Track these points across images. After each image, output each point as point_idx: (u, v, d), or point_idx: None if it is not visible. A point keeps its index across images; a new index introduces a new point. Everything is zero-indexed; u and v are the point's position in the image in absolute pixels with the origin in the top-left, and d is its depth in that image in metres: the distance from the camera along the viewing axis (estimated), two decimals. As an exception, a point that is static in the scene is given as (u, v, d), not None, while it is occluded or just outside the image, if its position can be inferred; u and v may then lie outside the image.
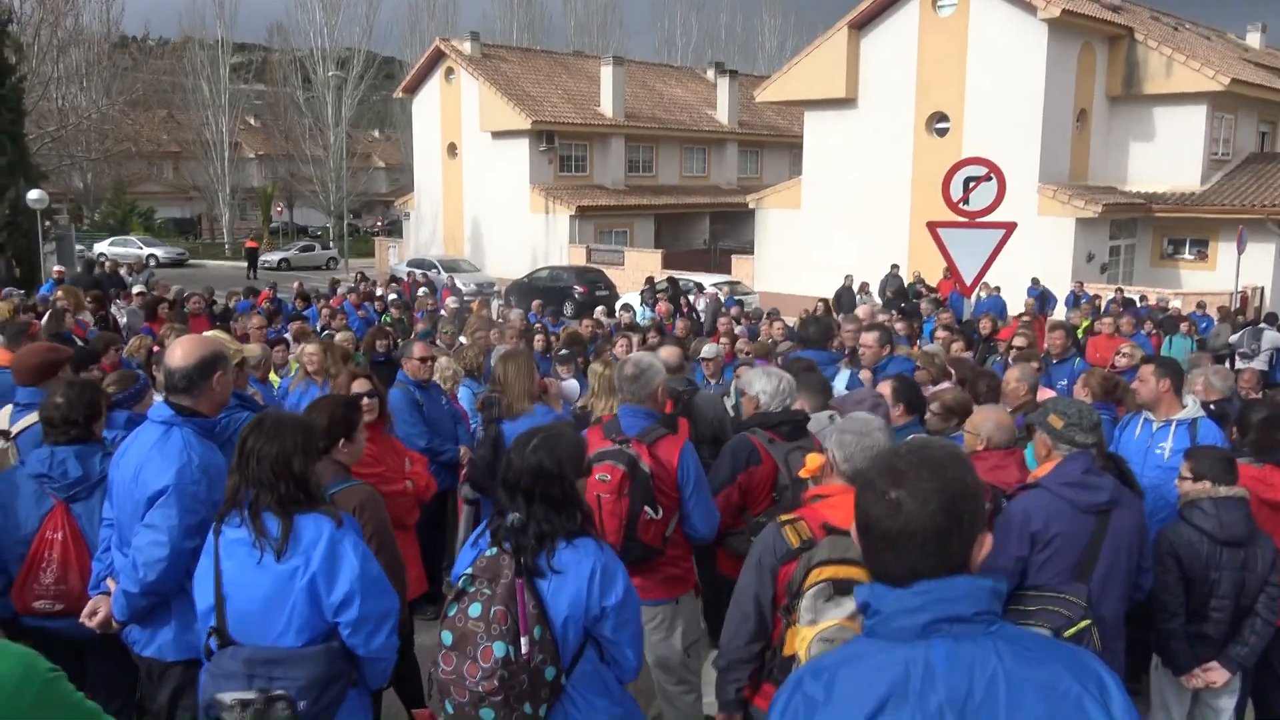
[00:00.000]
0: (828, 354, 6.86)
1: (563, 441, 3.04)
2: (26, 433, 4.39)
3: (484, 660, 2.78)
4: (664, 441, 4.26)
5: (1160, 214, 27.58)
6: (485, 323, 11.43)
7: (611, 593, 2.94)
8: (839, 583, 3.02)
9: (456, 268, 33.98)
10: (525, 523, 2.91)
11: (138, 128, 50.82)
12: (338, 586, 2.97)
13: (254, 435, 3.06)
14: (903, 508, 1.79)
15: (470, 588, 2.89)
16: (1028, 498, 3.87)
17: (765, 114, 45.16)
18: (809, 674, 1.83)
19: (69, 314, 10.79)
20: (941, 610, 1.73)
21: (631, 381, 4.36)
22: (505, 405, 5.46)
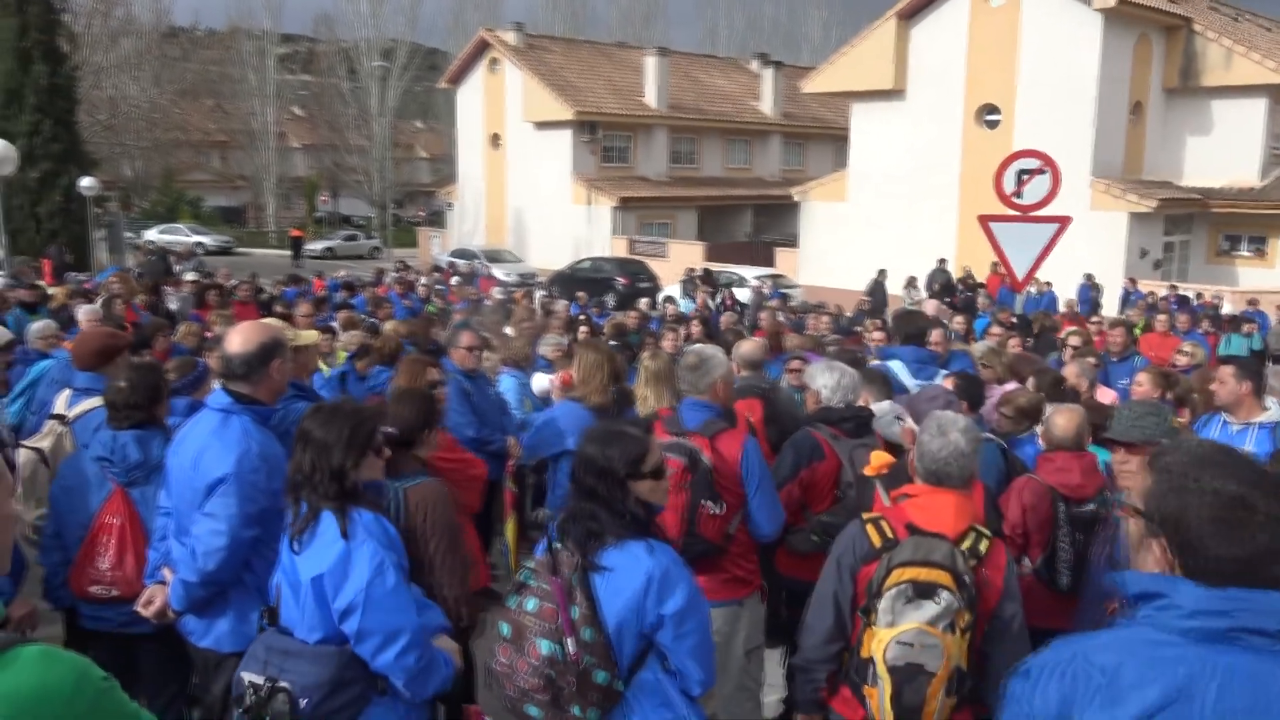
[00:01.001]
0: (928, 353, 6.65)
1: (621, 439, 2.93)
2: (83, 418, 4.36)
3: (532, 657, 2.71)
4: (725, 435, 4.14)
5: (1217, 209, 26.96)
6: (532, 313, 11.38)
7: (670, 600, 2.80)
8: (920, 585, 2.97)
9: (499, 258, 34.04)
10: (575, 518, 2.83)
11: (186, 117, 51.49)
12: (343, 593, 2.87)
13: (307, 423, 3.04)
14: (1272, 522, 1.71)
15: (531, 581, 2.82)
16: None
17: (810, 105, 44.73)
18: (1090, 648, 1.78)
19: (120, 300, 10.86)
20: (1250, 620, 1.67)
21: (691, 371, 4.25)
22: (631, 395, 5.38)
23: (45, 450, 4.23)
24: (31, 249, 23.87)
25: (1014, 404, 5.47)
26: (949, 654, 2.90)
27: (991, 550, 3.10)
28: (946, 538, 3.05)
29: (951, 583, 2.94)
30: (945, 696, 2.92)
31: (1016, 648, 2.99)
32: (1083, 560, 4.36)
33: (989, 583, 3.06)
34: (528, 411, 7.73)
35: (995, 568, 3.09)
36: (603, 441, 2.90)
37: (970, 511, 3.17)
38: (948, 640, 2.91)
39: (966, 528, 3.11)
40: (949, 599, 2.92)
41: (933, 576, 2.95)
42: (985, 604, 3.06)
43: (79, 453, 3.89)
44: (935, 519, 3.11)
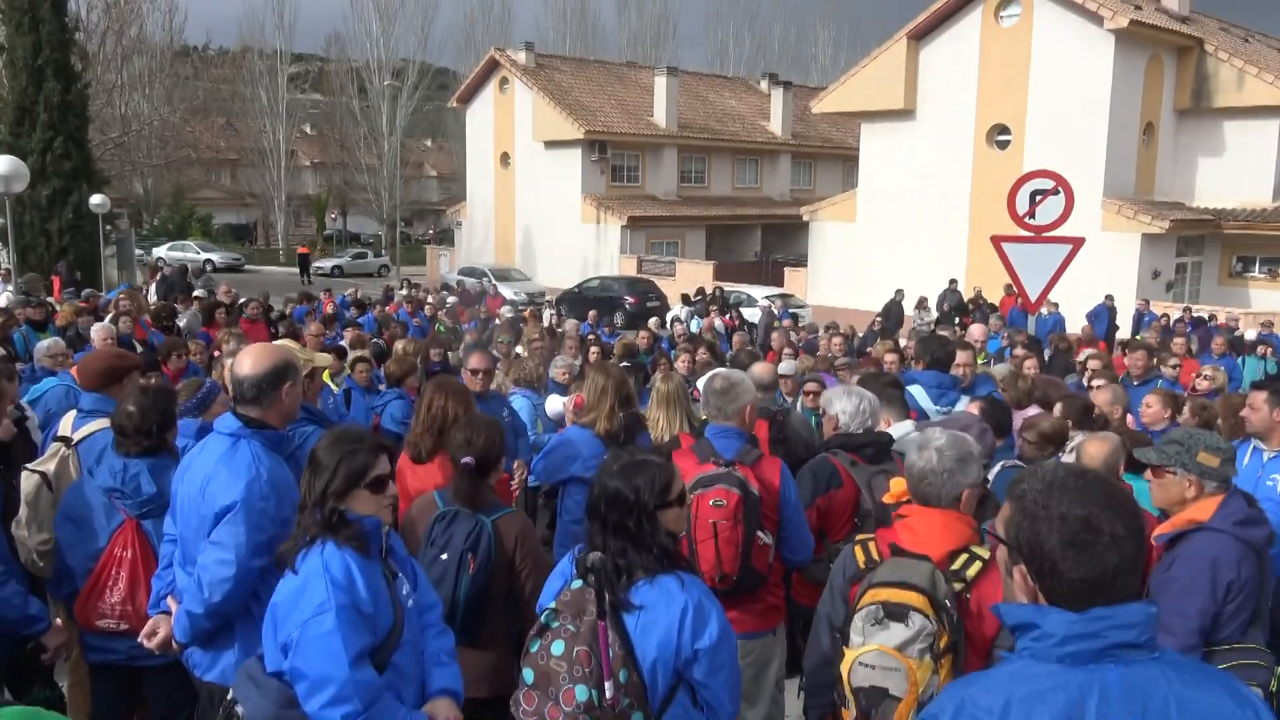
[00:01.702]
0: (950, 378, 6.52)
1: (644, 468, 2.81)
2: (88, 441, 4.25)
3: (566, 703, 2.58)
4: (764, 463, 4.04)
5: (1230, 231, 26.81)
6: (543, 333, 11.30)
7: (704, 634, 2.70)
8: (890, 606, 2.84)
9: (508, 276, 34.03)
10: (602, 556, 2.71)
11: (197, 135, 51.70)
12: (284, 628, 2.72)
13: (318, 444, 2.91)
14: (1125, 541, 1.80)
15: (553, 623, 2.68)
16: (1208, 544, 3.52)
17: (819, 126, 44.78)
18: (975, 693, 1.82)
19: (128, 317, 10.78)
20: (1117, 636, 1.75)
21: (720, 396, 4.12)
22: (643, 419, 5.27)
23: (49, 473, 4.11)
24: (42, 266, 23.87)
25: (1037, 429, 5.33)
26: (914, 679, 2.74)
27: (986, 574, 2.91)
28: (929, 559, 2.92)
29: (926, 606, 2.79)
30: None
31: None
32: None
33: (981, 609, 2.87)
34: (539, 434, 7.63)
35: (990, 593, 2.88)
36: (626, 473, 2.78)
37: (962, 533, 3.00)
38: (912, 665, 2.76)
39: (956, 549, 2.96)
40: (922, 623, 2.78)
41: (904, 598, 2.82)
42: (980, 631, 2.88)
43: (84, 480, 3.77)
44: (920, 539, 2.99)
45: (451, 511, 3.54)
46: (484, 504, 3.58)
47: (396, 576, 2.95)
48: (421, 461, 4.26)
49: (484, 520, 3.48)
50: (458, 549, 3.45)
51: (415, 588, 3.03)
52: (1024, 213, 9.38)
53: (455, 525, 3.51)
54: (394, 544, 3.03)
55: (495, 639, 3.51)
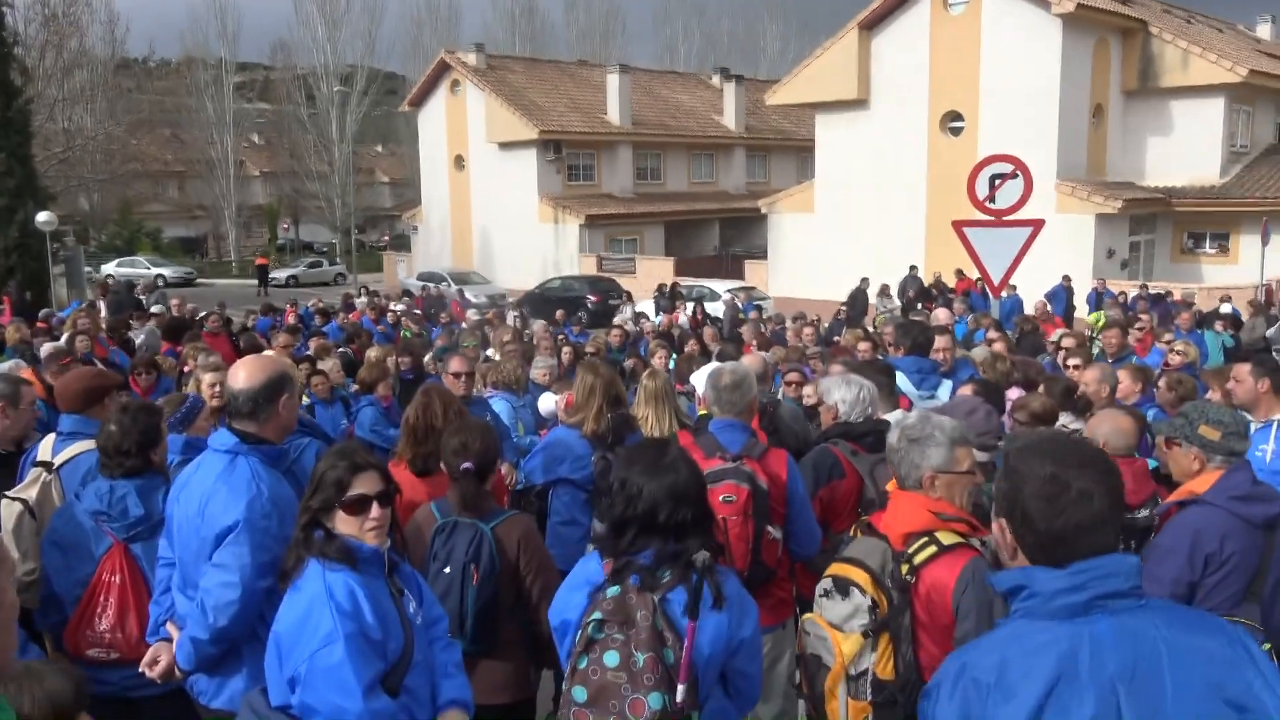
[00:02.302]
0: (930, 363, 6.52)
1: (687, 461, 2.77)
2: (71, 464, 4.08)
3: (634, 714, 2.49)
4: (770, 456, 3.98)
5: (1180, 208, 27.26)
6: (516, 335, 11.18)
7: (746, 624, 2.69)
8: (838, 580, 2.96)
9: (467, 280, 33.77)
10: (683, 553, 2.62)
11: (142, 148, 50.74)
12: (291, 660, 2.60)
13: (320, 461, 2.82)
14: (1093, 497, 1.86)
15: (600, 634, 2.57)
16: (1196, 515, 3.54)
17: (772, 118, 44.91)
18: (974, 657, 1.86)
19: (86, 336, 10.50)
20: (1102, 587, 1.81)
21: (733, 391, 4.06)
22: (633, 421, 5.19)
23: (31, 501, 3.94)
24: (-11, 287, 23.27)
25: (1028, 409, 5.33)
26: (839, 650, 2.83)
27: (939, 560, 2.83)
28: (885, 539, 2.98)
29: (868, 583, 2.86)
30: (849, 697, 2.82)
31: None
32: None
33: (931, 596, 2.81)
34: (520, 436, 7.54)
35: (939, 582, 2.81)
36: (677, 468, 2.70)
37: (922, 517, 2.96)
38: (838, 636, 2.84)
39: (917, 531, 2.93)
40: (860, 599, 2.85)
41: (848, 573, 2.92)
42: (934, 619, 2.82)
43: (71, 505, 3.61)
44: (887, 520, 3.06)
45: (450, 523, 3.45)
46: (484, 510, 3.50)
47: (403, 594, 2.85)
48: (429, 473, 4.15)
49: (483, 529, 3.39)
50: (460, 561, 3.37)
51: (421, 602, 2.94)
52: (984, 197, 9.46)
53: (455, 536, 3.42)
54: (395, 559, 2.92)
55: (511, 646, 3.44)
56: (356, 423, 7.88)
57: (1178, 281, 24.76)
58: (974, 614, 2.75)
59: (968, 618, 2.76)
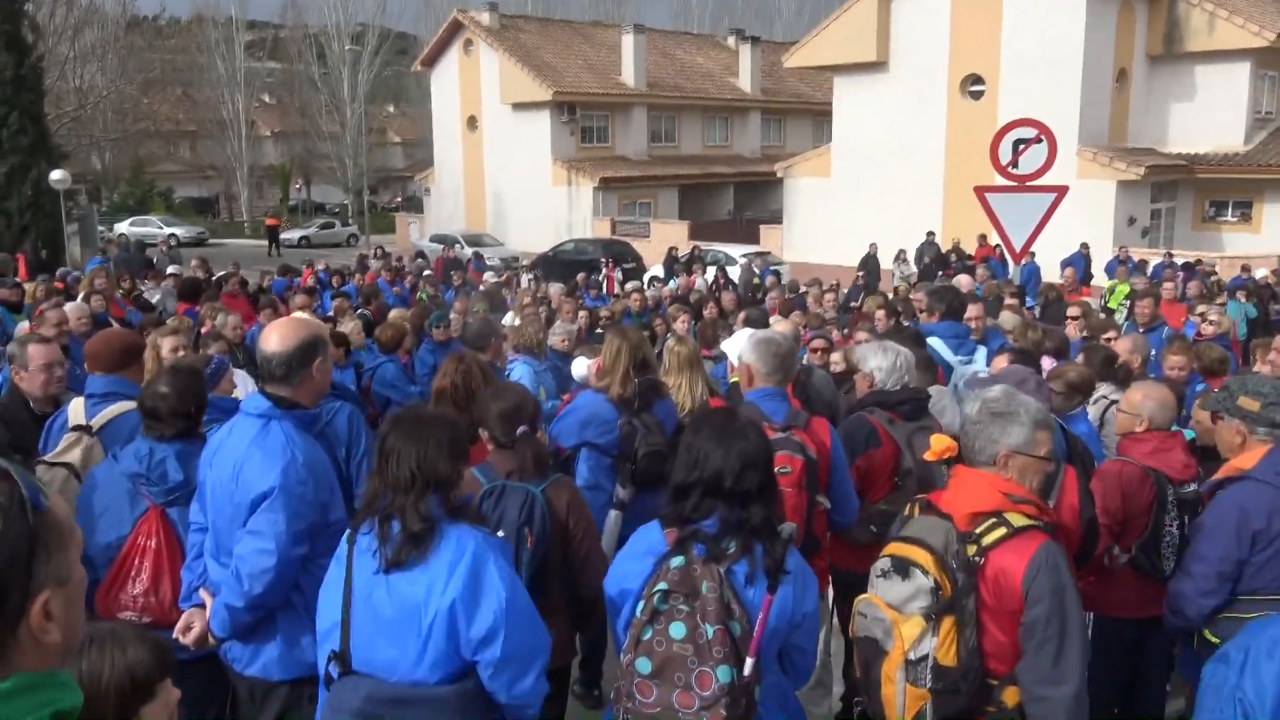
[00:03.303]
0: (965, 328, 6.41)
1: (755, 428, 2.71)
2: (110, 426, 3.96)
3: (701, 688, 2.43)
4: (814, 424, 3.91)
5: (1203, 175, 26.88)
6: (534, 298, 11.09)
7: (808, 598, 2.64)
8: (897, 560, 2.76)
9: (480, 242, 33.59)
10: (748, 521, 2.57)
11: (154, 107, 50.51)
12: (479, 618, 2.52)
13: (394, 433, 2.66)
14: None
15: (665, 605, 2.51)
16: (1242, 493, 3.46)
17: (788, 81, 44.38)
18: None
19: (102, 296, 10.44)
20: None
21: (788, 358, 3.99)
22: (660, 386, 5.08)
23: (75, 465, 3.86)
24: (3, 246, 23.20)
25: (1064, 379, 5.22)
26: (899, 634, 2.67)
27: (1010, 543, 2.69)
28: (950, 519, 2.79)
29: (931, 564, 2.68)
30: (908, 683, 2.66)
31: (1043, 664, 2.63)
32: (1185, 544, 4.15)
33: (1000, 580, 2.67)
34: (542, 399, 7.48)
35: (1009, 565, 2.67)
36: (746, 434, 2.64)
37: (992, 496, 2.80)
38: (898, 618, 2.68)
39: (985, 512, 2.77)
40: (922, 580, 2.68)
41: (909, 553, 2.73)
42: (1001, 603, 2.68)
43: (109, 465, 3.53)
44: (950, 498, 2.87)
45: (499, 486, 3.37)
46: (543, 471, 3.44)
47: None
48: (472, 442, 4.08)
49: (534, 491, 3.32)
50: (513, 524, 3.30)
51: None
52: (1007, 162, 9.34)
53: (506, 500, 3.34)
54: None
55: (555, 610, 3.38)
56: (376, 379, 7.87)
57: (1198, 250, 24.46)
58: (1046, 599, 2.63)
59: (1039, 603, 2.64)
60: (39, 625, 1.22)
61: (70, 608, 1.28)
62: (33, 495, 1.22)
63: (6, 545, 1.18)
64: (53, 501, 1.26)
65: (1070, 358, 6.16)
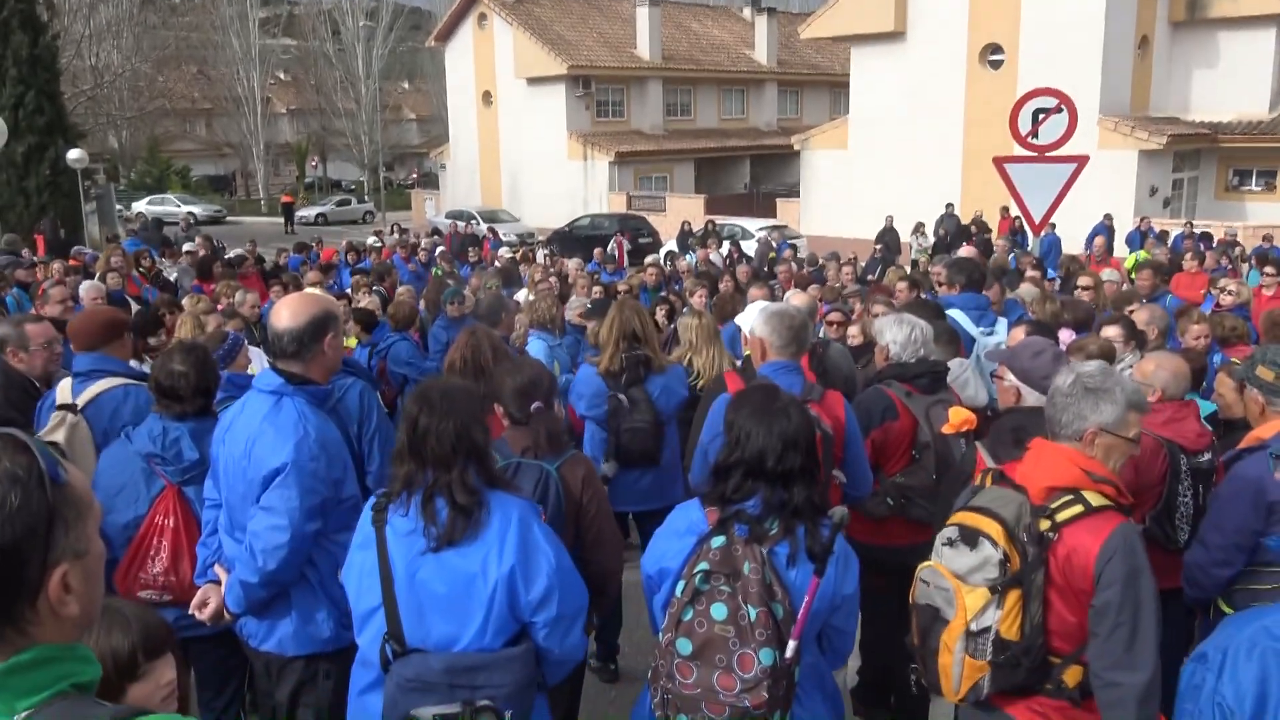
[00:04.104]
0: (985, 299, 6.35)
1: (798, 406, 2.68)
2: (95, 404, 3.97)
3: (743, 670, 2.41)
4: (828, 398, 3.88)
5: (1226, 144, 26.50)
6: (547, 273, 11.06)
7: (849, 579, 2.63)
8: (965, 530, 2.70)
9: (495, 218, 33.57)
10: (790, 502, 2.56)
11: (169, 85, 50.51)
12: (536, 582, 2.57)
13: (426, 410, 2.61)
14: None
15: (706, 586, 2.49)
16: (1259, 463, 3.43)
17: (804, 53, 43.99)
18: (1275, 623, 1.75)
19: (117, 274, 10.48)
20: None
21: (802, 331, 3.96)
22: (652, 361, 5.04)
23: (62, 444, 3.86)
24: (22, 225, 23.31)
25: (1085, 351, 5.16)
26: (962, 604, 2.61)
27: (1085, 521, 2.62)
28: (1024, 491, 2.72)
29: (1000, 535, 2.62)
30: (968, 655, 2.61)
31: (1114, 649, 2.55)
32: (1199, 514, 4.12)
33: (1072, 558, 2.60)
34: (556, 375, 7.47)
35: (1084, 544, 2.59)
36: (789, 414, 2.60)
37: (1071, 473, 2.72)
38: (962, 588, 2.62)
39: (1061, 487, 2.69)
40: (990, 551, 2.61)
41: (979, 523, 2.67)
42: (1070, 583, 2.62)
43: (122, 444, 3.53)
44: (1027, 471, 2.79)
45: (514, 463, 3.35)
46: (559, 448, 3.42)
47: None
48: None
49: (548, 468, 3.31)
50: None
51: None
52: (1026, 133, 9.22)
53: (520, 477, 3.32)
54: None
55: None
56: (390, 357, 7.87)
57: (1222, 219, 24.15)
58: (1120, 583, 2.55)
59: (1112, 586, 2.56)
60: (57, 598, 1.23)
61: (89, 581, 1.28)
62: (51, 468, 1.23)
63: (25, 518, 1.19)
64: (71, 475, 1.27)
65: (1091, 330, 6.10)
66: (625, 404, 4.86)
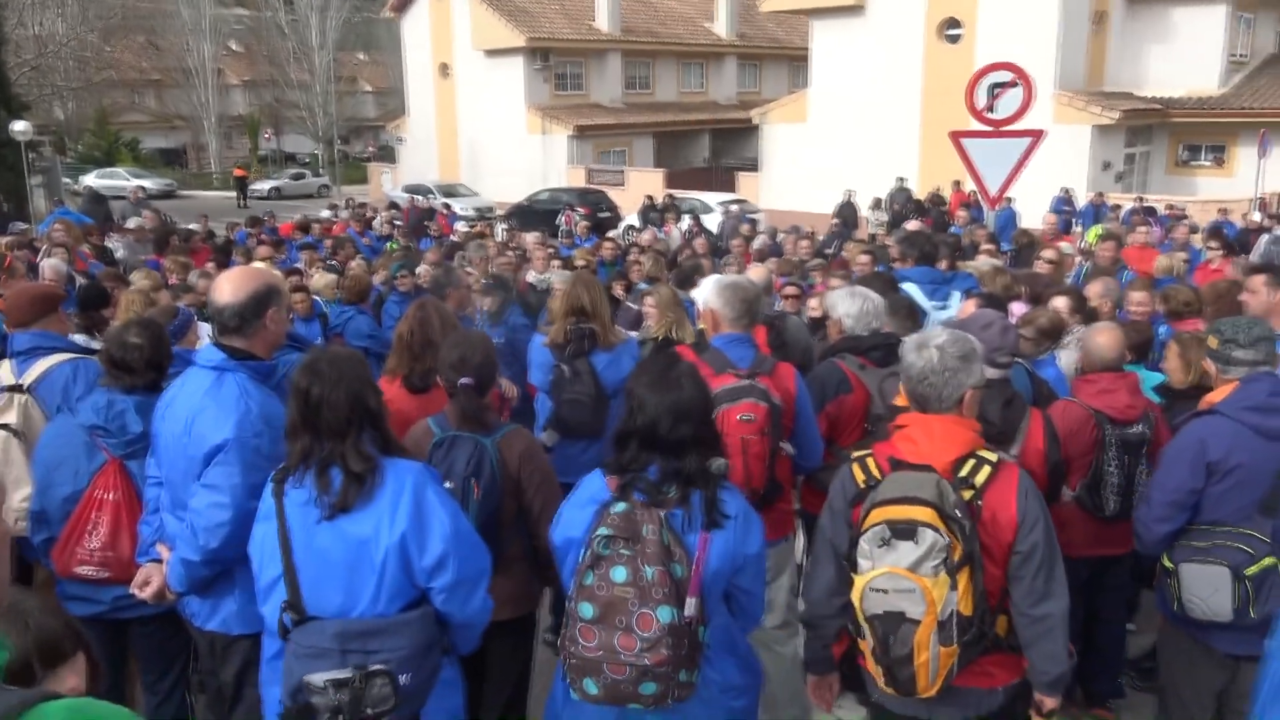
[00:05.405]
0: (939, 273, 6.38)
1: (691, 375, 2.70)
2: (45, 381, 3.86)
3: (643, 629, 2.45)
4: (779, 370, 3.88)
5: (1177, 119, 26.83)
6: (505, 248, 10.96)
7: (751, 540, 2.66)
8: (897, 525, 2.66)
9: (454, 192, 33.25)
10: (684, 470, 2.59)
11: (117, 55, 49.31)
12: (430, 547, 2.60)
13: (316, 381, 2.62)
14: None
15: (607, 550, 2.52)
16: (1204, 424, 3.52)
17: (764, 26, 43.82)
18: None
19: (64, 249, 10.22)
20: None
21: (754, 303, 3.97)
22: (599, 335, 5.01)
23: (14, 425, 3.77)
24: (-36, 199, 22.78)
25: (1035, 324, 5.21)
26: (931, 599, 2.60)
27: (996, 478, 2.73)
28: (933, 469, 2.73)
29: (935, 519, 2.62)
30: (940, 645, 2.63)
31: (1040, 585, 2.71)
32: (1130, 484, 4.20)
33: (996, 515, 2.72)
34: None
35: (1002, 498, 2.72)
36: (693, 379, 2.67)
37: (965, 437, 2.80)
38: (928, 584, 2.60)
39: (962, 455, 2.76)
40: (933, 538, 2.61)
41: (912, 514, 2.65)
42: (996, 539, 2.73)
43: (65, 418, 3.45)
44: (921, 449, 2.78)
45: (450, 437, 3.33)
46: (485, 424, 3.38)
47: None
48: (425, 389, 4.02)
49: (484, 442, 3.29)
50: (460, 475, 3.28)
51: None
52: (983, 107, 9.28)
53: (455, 451, 3.31)
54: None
55: (514, 561, 3.37)
56: (349, 332, 7.80)
57: (1172, 194, 24.48)
58: (1041, 522, 2.73)
59: (1035, 527, 2.72)
60: None
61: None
62: None
63: None
64: None
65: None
66: (567, 375, 4.87)
